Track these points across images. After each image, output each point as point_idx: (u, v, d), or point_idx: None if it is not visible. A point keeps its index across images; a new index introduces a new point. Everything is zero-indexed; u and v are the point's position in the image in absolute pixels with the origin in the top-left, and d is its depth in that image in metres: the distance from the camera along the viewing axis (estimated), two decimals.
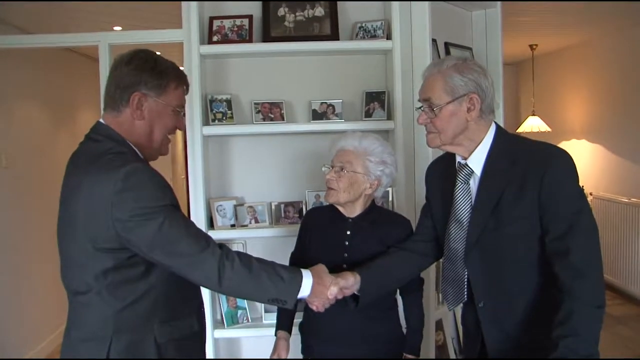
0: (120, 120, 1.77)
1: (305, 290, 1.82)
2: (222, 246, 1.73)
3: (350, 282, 1.99)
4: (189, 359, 1.83)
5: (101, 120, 1.80)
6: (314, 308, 1.95)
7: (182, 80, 1.86)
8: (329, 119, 3.03)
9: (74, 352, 1.73)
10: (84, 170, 1.69)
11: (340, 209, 2.26)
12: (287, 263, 2.42)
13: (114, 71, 1.80)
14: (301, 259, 2.34)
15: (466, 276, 1.89)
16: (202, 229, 1.78)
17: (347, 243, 2.23)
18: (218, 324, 3.05)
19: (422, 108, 1.88)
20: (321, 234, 2.30)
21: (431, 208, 2.10)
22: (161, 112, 1.80)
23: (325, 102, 3.05)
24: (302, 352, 2.36)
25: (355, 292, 2.04)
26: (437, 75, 1.83)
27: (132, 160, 1.67)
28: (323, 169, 2.26)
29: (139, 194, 1.62)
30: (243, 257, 1.74)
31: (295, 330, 2.40)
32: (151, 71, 1.77)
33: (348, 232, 2.24)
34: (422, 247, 2.13)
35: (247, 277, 1.71)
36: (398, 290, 2.33)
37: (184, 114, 1.93)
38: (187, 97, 2.85)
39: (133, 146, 1.78)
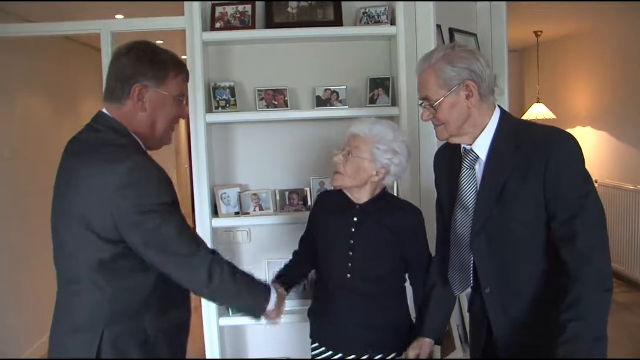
0: (123, 112, 1.78)
1: (271, 304, 1.91)
2: (214, 252, 1.77)
3: (429, 347, 2.14)
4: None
5: (104, 110, 1.80)
6: (273, 318, 1.98)
7: (180, 69, 1.86)
8: (333, 106, 3.02)
9: (63, 344, 1.74)
10: (82, 159, 1.70)
11: (348, 194, 2.25)
12: (292, 249, 2.47)
13: (113, 63, 1.81)
14: (308, 243, 2.39)
15: (472, 262, 1.89)
16: (197, 233, 1.85)
17: (353, 229, 2.22)
18: (223, 311, 3.05)
19: (423, 105, 1.87)
20: (329, 219, 2.29)
21: (440, 196, 2.09)
22: (162, 102, 1.81)
23: (329, 89, 3.03)
24: (310, 336, 2.38)
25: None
26: (428, 70, 1.82)
27: (134, 153, 1.69)
28: (334, 152, 2.24)
29: (141, 190, 1.65)
30: (231, 266, 1.80)
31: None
32: (150, 62, 1.78)
33: (355, 219, 2.23)
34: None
35: (231, 286, 1.78)
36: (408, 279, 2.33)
37: (187, 102, 1.94)
38: (190, 85, 2.86)
39: (135, 136, 1.79)
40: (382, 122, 2.20)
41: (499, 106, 1.87)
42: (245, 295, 1.85)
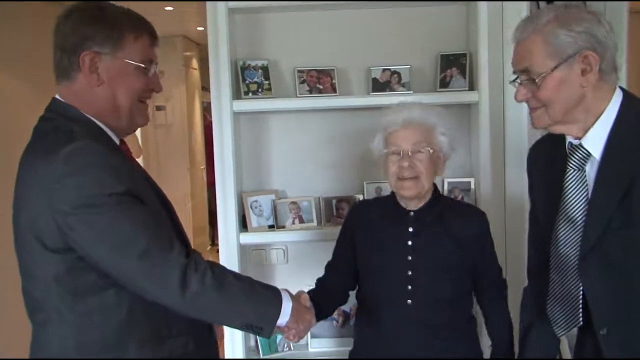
0: (76, 90, 1.77)
1: (285, 315, 1.83)
2: (191, 253, 1.71)
3: None
4: None
5: (56, 96, 1.80)
6: (291, 338, 1.94)
7: (141, 29, 1.83)
8: (394, 91, 3.02)
9: None
10: (27, 157, 1.73)
11: (400, 200, 2.27)
12: None
13: (55, 33, 1.79)
14: (340, 269, 2.41)
15: (581, 292, 1.82)
16: (166, 228, 1.75)
17: (410, 243, 2.24)
18: (251, 352, 3.06)
19: (518, 81, 1.82)
20: (374, 235, 2.30)
21: (535, 206, 2.04)
22: (122, 71, 1.78)
23: (389, 69, 3.04)
24: None
25: None
26: (533, 35, 1.76)
27: (80, 138, 1.65)
28: (389, 154, 2.25)
29: (83, 179, 1.61)
30: (216, 270, 1.72)
31: None
32: (97, 22, 1.75)
33: (410, 229, 2.25)
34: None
35: (217, 295, 1.70)
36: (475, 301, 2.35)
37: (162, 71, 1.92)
38: (212, 65, 2.94)
39: (97, 120, 1.77)
40: (419, 105, 2.30)
41: (620, 87, 1.81)
42: (243, 306, 1.75)
